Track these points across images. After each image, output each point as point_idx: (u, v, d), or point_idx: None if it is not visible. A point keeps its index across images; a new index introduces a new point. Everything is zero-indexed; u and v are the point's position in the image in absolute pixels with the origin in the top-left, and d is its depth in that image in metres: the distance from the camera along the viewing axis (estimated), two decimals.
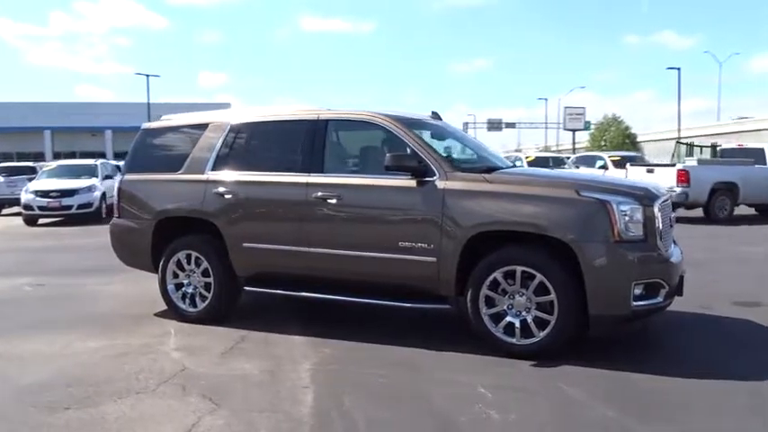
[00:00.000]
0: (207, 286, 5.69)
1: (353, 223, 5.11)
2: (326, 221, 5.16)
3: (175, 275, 5.84)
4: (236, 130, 5.72)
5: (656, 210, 4.54)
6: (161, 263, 5.85)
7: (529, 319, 4.52)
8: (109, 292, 7.27)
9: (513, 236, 4.63)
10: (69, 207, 16.33)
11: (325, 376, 4.28)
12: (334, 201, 5.09)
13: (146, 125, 6.36)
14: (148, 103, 44.41)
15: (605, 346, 4.78)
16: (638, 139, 68.19)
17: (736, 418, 3.57)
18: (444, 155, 5.09)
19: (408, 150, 4.94)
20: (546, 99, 62.01)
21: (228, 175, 5.60)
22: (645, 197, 4.55)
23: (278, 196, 5.39)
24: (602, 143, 65.93)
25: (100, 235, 13.50)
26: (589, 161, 21.26)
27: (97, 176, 17.61)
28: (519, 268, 4.52)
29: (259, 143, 5.72)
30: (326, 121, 5.36)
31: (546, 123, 60.98)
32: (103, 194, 16.99)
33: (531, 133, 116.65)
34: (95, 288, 7.51)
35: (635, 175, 14.41)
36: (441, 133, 5.81)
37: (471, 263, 4.70)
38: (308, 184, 5.20)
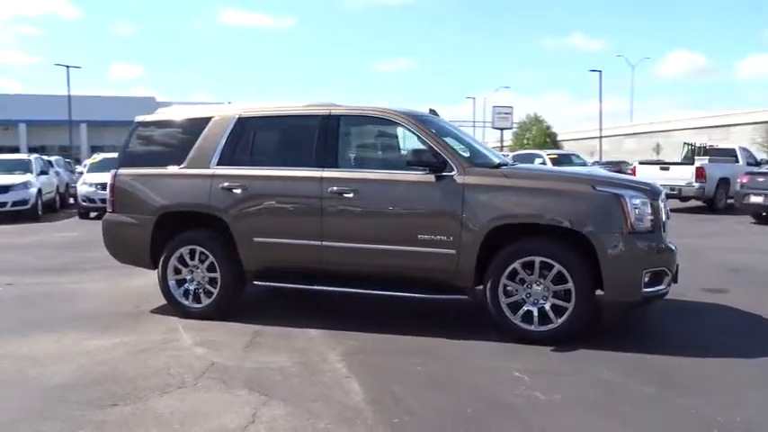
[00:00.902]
0: (212, 282, 5.64)
1: (371, 217, 5.21)
2: (343, 215, 5.24)
3: (177, 272, 5.75)
4: (243, 124, 5.69)
5: (660, 203, 4.89)
6: (161, 259, 5.75)
7: (547, 307, 4.77)
8: (87, 291, 7.04)
9: (530, 228, 4.87)
10: (3, 204, 15.49)
11: (361, 366, 4.37)
12: (350, 195, 5.18)
13: (140, 118, 6.20)
14: (69, 96, 42.43)
15: (605, 331, 5.09)
16: (558, 138, 71.02)
17: (760, 388, 3.93)
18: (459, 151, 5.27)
19: (426, 146, 5.09)
20: (474, 98, 63.44)
21: (237, 169, 5.57)
22: (651, 192, 4.90)
23: (291, 191, 5.42)
24: (525, 141, 68.28)
25: (44, 233, 13.03)
26: (529, 159, 22.04)
27: (32, 172, 16.77)
28: (538, 259, 4.76)
29: (268, 138, 5.72)
30: (339, 117, 5.43)
31: (474, 122, 62.43)
32: (39, 191, 16.25)
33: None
34: (71, 287, 7.26)
35: (645, 173, 16.20)
36: (443, 129, 5.99)
37: (487, 254, 4.91)
38: (322, 179, 5.26)
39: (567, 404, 3.70)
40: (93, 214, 15.86)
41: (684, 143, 21.95)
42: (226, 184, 5.53)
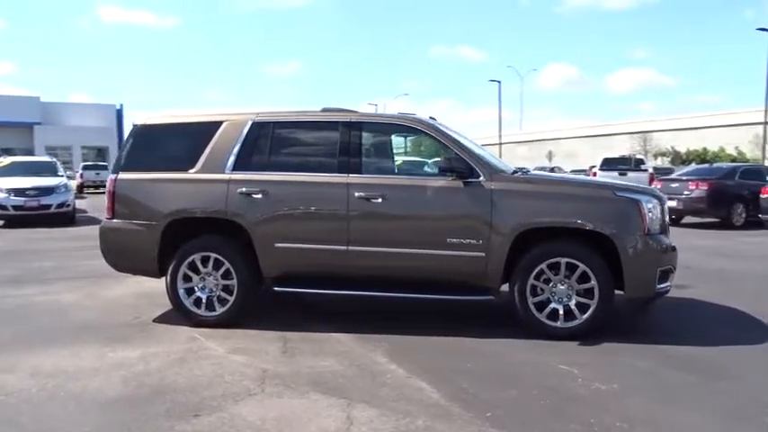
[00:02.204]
0: (226, 289, 5.55)
1: (400, 222, 5.34)
2: (370, 220, 5.33)
3: (186, 279, 5.60)
4: (259, 128, 5.64)
5: (665, 207, 5.38)
6: (171, 266, 5.58)
7: (572, 305, 5.11)
8: (65, 303, 6.66)
9: (554, 231, 5.19)
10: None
11: (415, 366, 4.47)
12: (379, 200, 5.28)
13: (142, 121, 5.96)
14: None
15: (615, 326, 5.51)
16: None
17: None
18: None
19: (453, 154, 5.29)
20: (376, 105, 64.21)
21: (255, 174, 5.52)
22: (659, 196, 5.37)
23: (316, 196, 5.44)
24: (422, 148, 70.13)
25: None
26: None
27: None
28: (563, 260, 5.09)
29: (286, 143, 5.69)
30: (361, 123, 5.52)
31: None
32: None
33: None
34: (43, 299, 6.83)
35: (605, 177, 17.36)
36: (458, 137, 6.20)
37: (514, 256, 5.18)
38: (348, 185, 5.33)
39: (627, 393, 4.01)
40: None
41: (631, 154, 25.41)
42: (244, 189, 5.46)
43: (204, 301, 5.58)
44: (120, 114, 56.54)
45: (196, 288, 5.60)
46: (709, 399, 3.92)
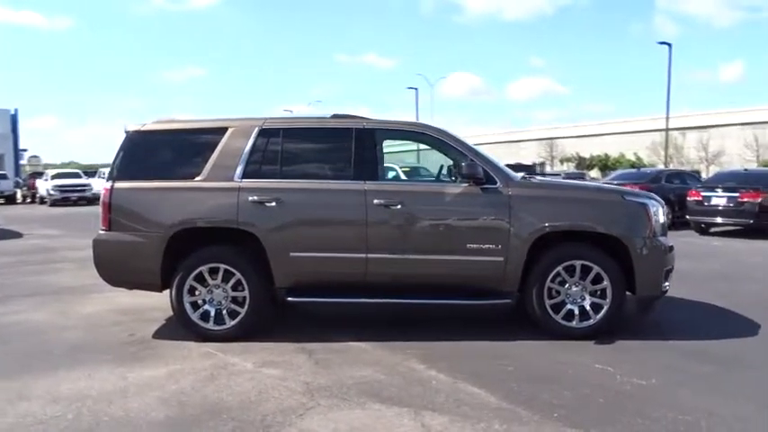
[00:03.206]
0: (235, 301, 5.35)
1: (419, 229, 5.33)
2: (389, 228, 5.30)
3: (192, 292, 5.36)
4: (268, 135, 5.48)
5: (664, 210, 5.68)
6: (176, 279, 5.32)
7: (587, 306, 5.30)
8: (41, 321, 6.20)
9: (568, 234, 5.37)
10: None
11: (457, 372, 4.48)
12: (398, 207, 5.27)
13: (136, 127, 5.63)
14: None
15: (619, 324, 5.76)
16: None
17: None
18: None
19: (469, 160, 5.35)
20: (291, 111, 63.55)
21: (268, 182, 5.36)
22: (659, 200, 5.66)
23: (332, 204, 5.35)
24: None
25: None
26: None
27: None
28: (578, 262, 5.27)
29: (297, 150, 5.56)
30: (374, 130, 5.49)
31: None
32: None
33: None
34: (16, 318, 6.36)
35: None
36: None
37: (530, 260, 5.32)
38: (366, 192, 5.28)
39: (668, 387, 4.20)
40: None
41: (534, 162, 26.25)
42: (256, 197, 5.29)
43: (213, 314, 5.35)
44: (14, 120, 52.85)
45: (204, 301, 5.36)
46: (743, 389, 4.17)
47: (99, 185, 31.33)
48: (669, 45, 34.99)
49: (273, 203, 5.29)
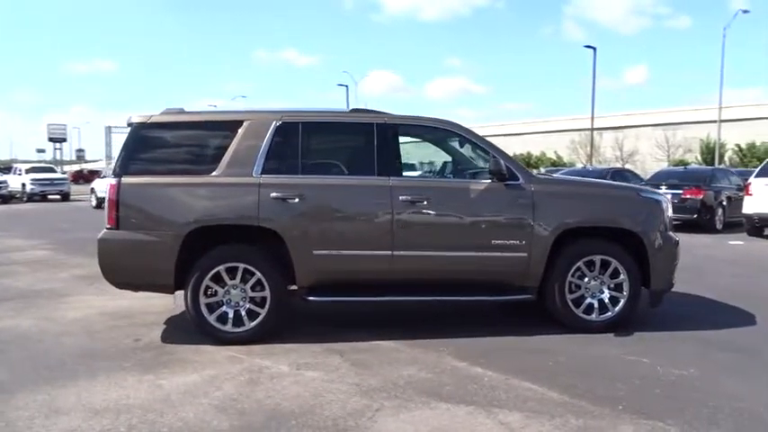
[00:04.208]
0: (254, 301, 5.14)
1: (446, 225, 5.29)
2: (416, 224, 5.23)
3: (208, 293, 5.11)
4: (287, 129, 5.29)
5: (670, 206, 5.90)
6: (192, 279, 5.06)
7: (606, 299, 5.43)
8: (30, 328, 5.75)
9: (587, 230, 5.47)
10: None
11: (500, 368, 4.46)
12: (424, 203, 5.21)
13: (141, 119, 5.28)
14: None
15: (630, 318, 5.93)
16: None
17: None
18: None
19: (492, 156, 5.37)
20: (215, 106, 61.83)
21: (289, 178, 5.18)
22: (666, 197, 5.87)
23: (358, 200, 5.23)
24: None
25: None
26: None
27: None
28: (598, 257, 5.39)
29: (317, 145, 5.41)
30: (396, 125, 5.40)
31: None
32: None
33: None
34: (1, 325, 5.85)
35: None
36: None
37: (550, 256, 5.39)
38: (392, 187, 5.20)
39: (707, 375, 4.36)
40: None
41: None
42: (278, 193, 5.10)
43: (231, 316, 5.12)
44: None
45: (222, 302, 5.12)
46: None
47: (15, 182, 29.82)
48: (594, 48, 36.56)
49: (296, 200, 5.11)
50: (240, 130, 5.24)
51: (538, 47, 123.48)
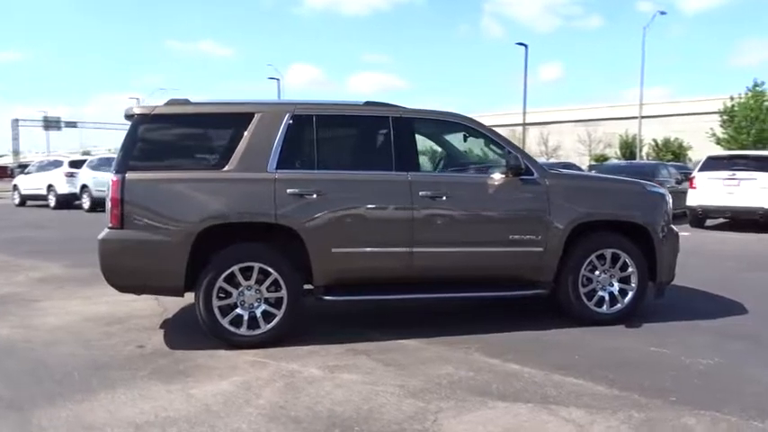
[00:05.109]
0: (270, 302, 4.92)
1: (465, 220, 5.23)
2: (435, 220, 5.14)
3: (221, 296, 4.85)
4: (300, 122, 5.07)
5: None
6: (205, 281, 4.78)
7: (615, 292, 5.53)
8: (11, 338, 5.29)
9: (596, 224, 5.54)
10: None
11: (535, 364, 4.44)
12: (443, 198, 5.13)
13: (143, 111, 4.93)
14: None
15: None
16: None
17: None
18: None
19: (507, 151, 5.34)
20: (138, 99, 59.51)
21: (307, 173, 4.98)
22: (668, 192, 6.03)
23: (378, 196, 5.08)
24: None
25: None
26: (110, 163, 20.36)
27: None
28: (609, 251, 5.47)
29: (334, 138, 5.23)
30: (410, 119, 5.28)
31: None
32: None
33: (96, 135, 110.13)
34: None
35: None
36: None
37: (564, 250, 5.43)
38: (411, 183, 5.09)
39: (733, 364, 4.47)
40: None
41: None
42: (296, 189, 4.89)
43: (246, 318, 4.87)
44: None
45: (235, 304, 4.87)
46: None
47: None
48: (525, 46, 37.50)
49: (314, 196, 4.92)
50: (252, 123, 4.99)
51: (458, 43, 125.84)
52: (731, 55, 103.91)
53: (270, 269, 4.87)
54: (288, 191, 4.87)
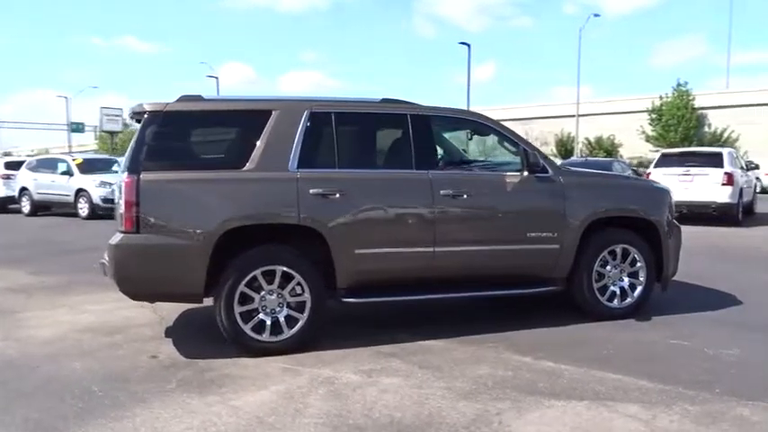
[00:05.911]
0: (292, 306, 4.75)
1: (485, 218, 5.20)
2: (457, 219, 5.09)
3: (243, 301, 4.65)
4: (319, 120, 4.92)
5: None
6: (226, 286, 4.58)
7: (625, 286, 5.63)
8: (2, 354, 4.92)
9: (605, 221, 5.62)
10: None
11: (570, 361, 4.46)
12: (464, 197, 5.09)
13: (156, 107, 4.64)
14: None
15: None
16: None
17: None
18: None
19: (523, 149, 5.35)
20: (66, 98, 57.05)
21: (328, 172, 4.83)
22: (670, 188, 6.18)
23: (401, 195, 4.99)
24: (115, 146, 64.43)
25: None
26: (51, 164, 18.94)
27: None
28: (619, 246, 5.57)
29: (353, 136, 5.08)
30: (428, 117, 5.21)
31: (70, 124, 56.10)
32: None
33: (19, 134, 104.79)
34: None
35: None
36: None
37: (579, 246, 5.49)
38: (432, 181, 5.02)
39: (755, 355, 4.62)
40: None
41: None
42: (319, 189, 4.74)
43: (269, 324, 4.69)
44: None
45: (257, 310, 4.68)
46: None
47: None
48: (468, 45, 37.97)
49: (338, 196, 4.78)
50: (271, 120, 4.80)
51: (391, 42, 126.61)
52: (650, 57, 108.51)
53: (293, 272, 4.70)
54: (311, 191, 4.71)
